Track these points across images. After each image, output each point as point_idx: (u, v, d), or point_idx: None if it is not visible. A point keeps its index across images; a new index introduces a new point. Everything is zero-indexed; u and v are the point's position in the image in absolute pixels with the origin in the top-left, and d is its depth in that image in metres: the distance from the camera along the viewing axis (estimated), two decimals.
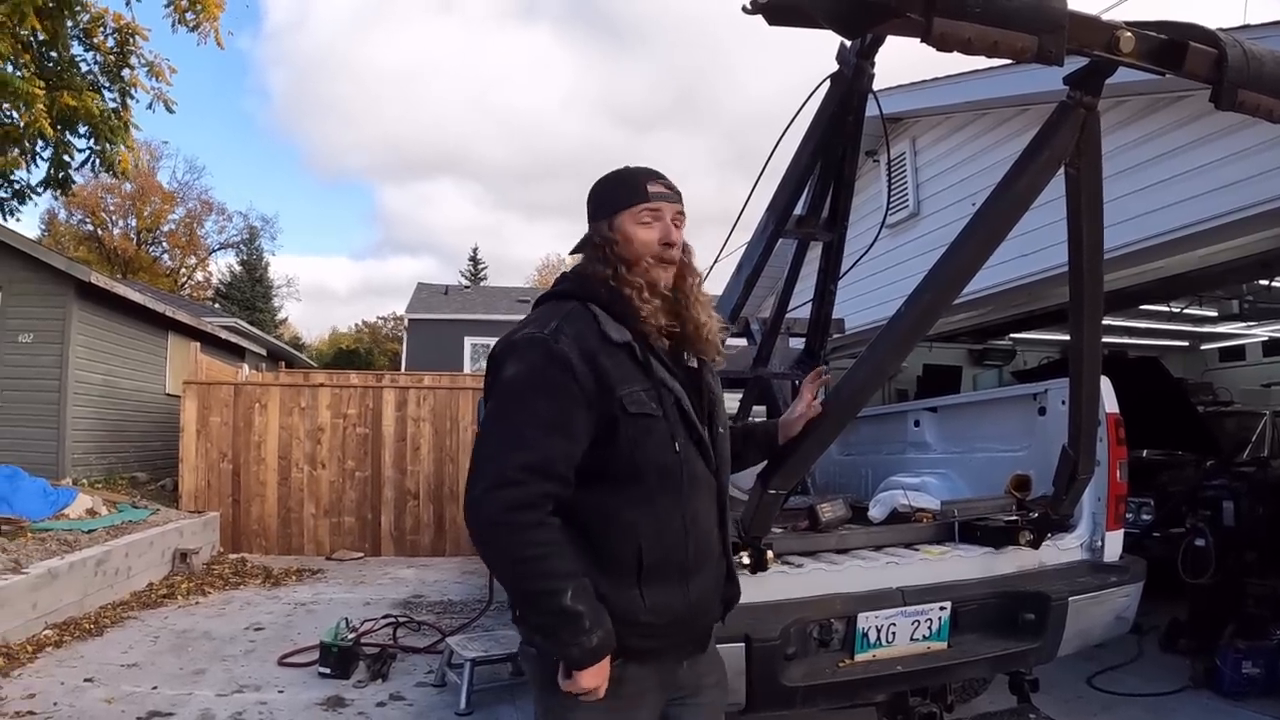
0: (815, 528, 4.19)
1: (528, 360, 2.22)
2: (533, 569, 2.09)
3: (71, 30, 13.97)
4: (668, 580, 2.26)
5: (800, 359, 5.33)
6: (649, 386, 2.28)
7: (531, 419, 2.17)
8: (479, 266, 57.75)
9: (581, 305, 2.35)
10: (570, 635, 2.10)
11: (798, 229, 4.56)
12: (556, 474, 2.16)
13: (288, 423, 12.84)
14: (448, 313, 32.01)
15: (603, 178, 2.50)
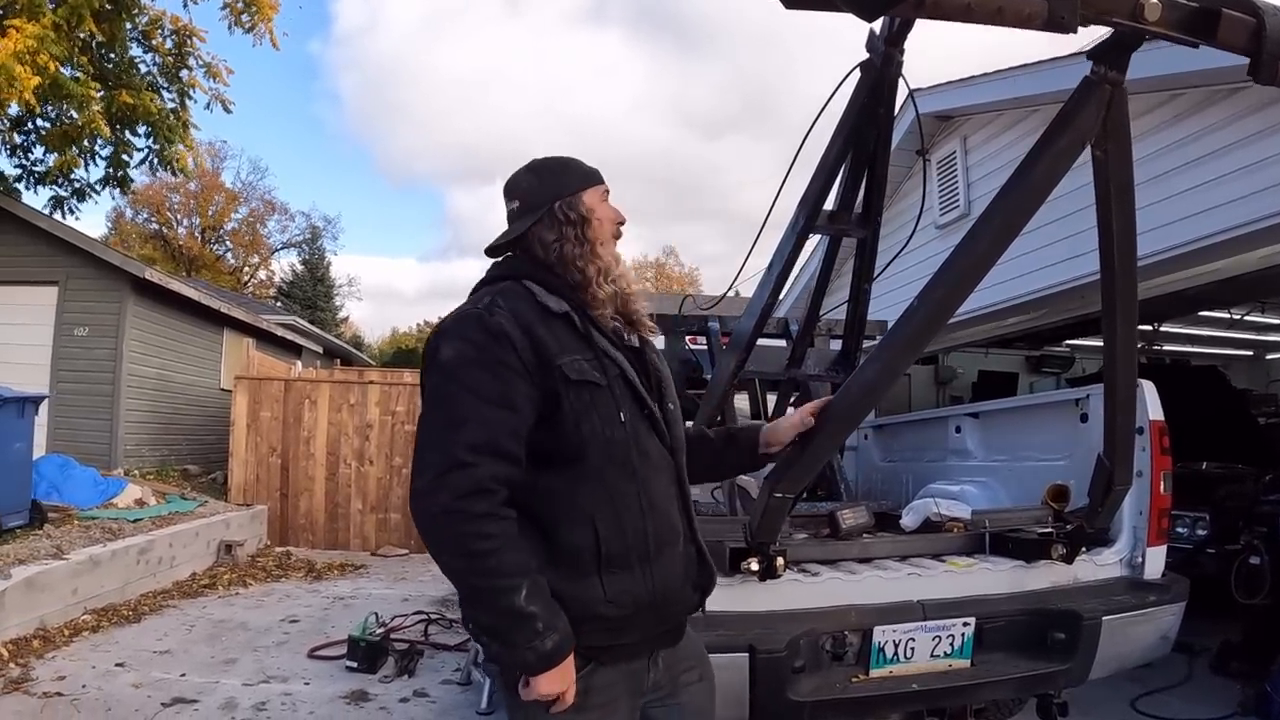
0: (836, 535, 4.03)
1: (462, 338, 2.11)
2: (482, 564, 1.94)
3: (130, 33, 14.30)
4: (627, 567, 2.12)
5: (837, 361, 5.16)
6: (591, 356, 2.18)
7: (471, 396, 2.04)
8: None
9: (515, 282, 2.25)
10: (524, 638, 1.96)
11: (829, 224, 4.40)
12: (506, 451, 2.02)
13: (337, 419, 12.89)
14: None
15: (550, 159, 2.45)
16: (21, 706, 5.43)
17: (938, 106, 8.78)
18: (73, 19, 12.00)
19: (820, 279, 4.91)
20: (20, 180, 15.12)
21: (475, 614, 2.05)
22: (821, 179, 4.13)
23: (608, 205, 2.39)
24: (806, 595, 3.58)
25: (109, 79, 14.01)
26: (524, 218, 2.33)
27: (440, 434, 2.02)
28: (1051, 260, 7.11)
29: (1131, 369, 3.19)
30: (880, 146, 4.11)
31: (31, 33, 11.09)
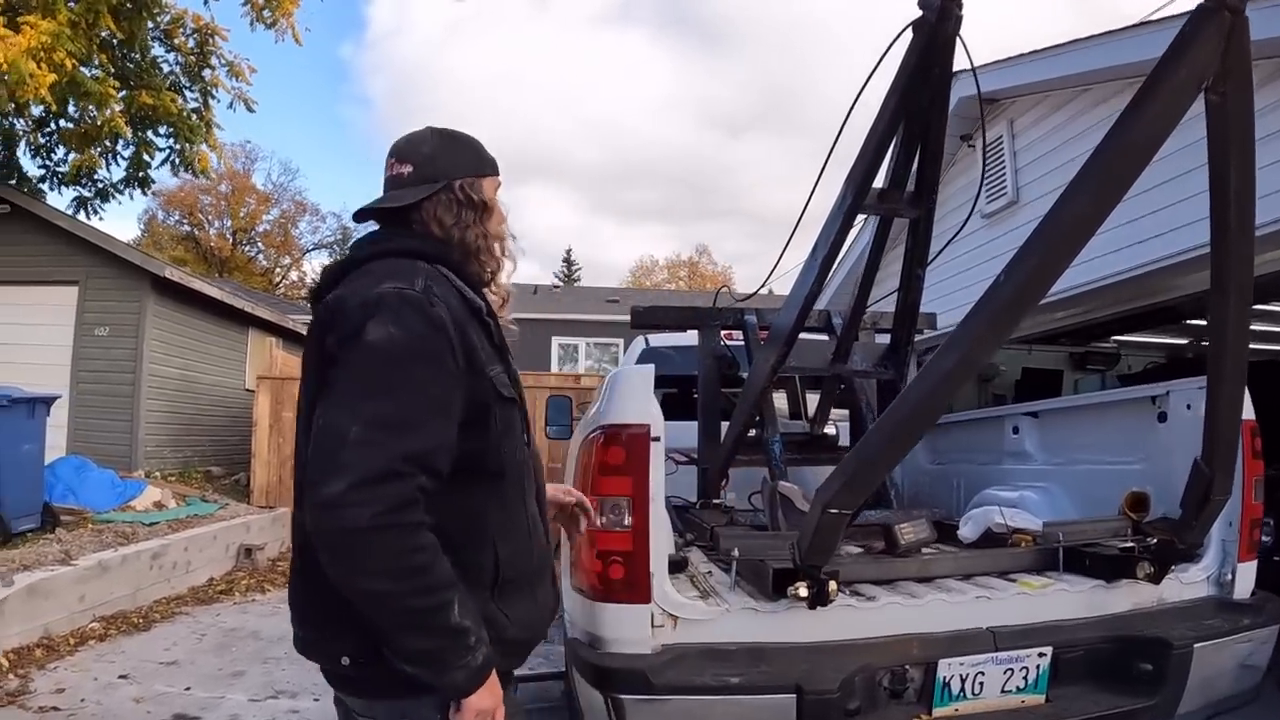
0: (893, 551, 3.60)
1: (403, 321, 1.80)
2: (422, 581, 1.71)
3: (152, 31, 14.30)
4: (520, 590, 2.00)
5: (885, 355, 4.74)
6: (502, 369, 1.99)
7: (418, 397, 1.77)
8: (572, 268, 57.76)
9: (432, 267, 1.96)
10: (455, 657, 1.76)
11: (879, 203, 3.97)
12: (435, 467, 1.77)
13: None
14: (535, 312, 31.71)
15: (456, 131, 2.20)
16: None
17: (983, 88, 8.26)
18: (90, 16, 11.92)
19: (869, 264, 4.47)
20: (44, 181, 15.17)
21: (407, 642, 1.77)
22: (870, 152, 3.71)
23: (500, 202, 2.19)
24: (861, 623, 3.18)
25: (130, 78, 13.98)
26: (416, 187, 2.07)
27: (372, 431, 1.72)
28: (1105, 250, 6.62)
29: (1243, 357, 2.73)
30: (935, 113, 3.70)
31: (46, 29, 10.99)
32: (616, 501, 3.17)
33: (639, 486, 3.17)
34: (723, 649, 3.11)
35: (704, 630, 3.15)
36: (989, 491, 5.02)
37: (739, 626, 3.16)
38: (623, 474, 3.19)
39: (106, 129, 13.24)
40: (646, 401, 3.28)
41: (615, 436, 3.23)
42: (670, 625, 3.14)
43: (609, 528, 3.16)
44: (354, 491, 1.65)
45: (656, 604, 3.14)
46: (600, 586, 3.17)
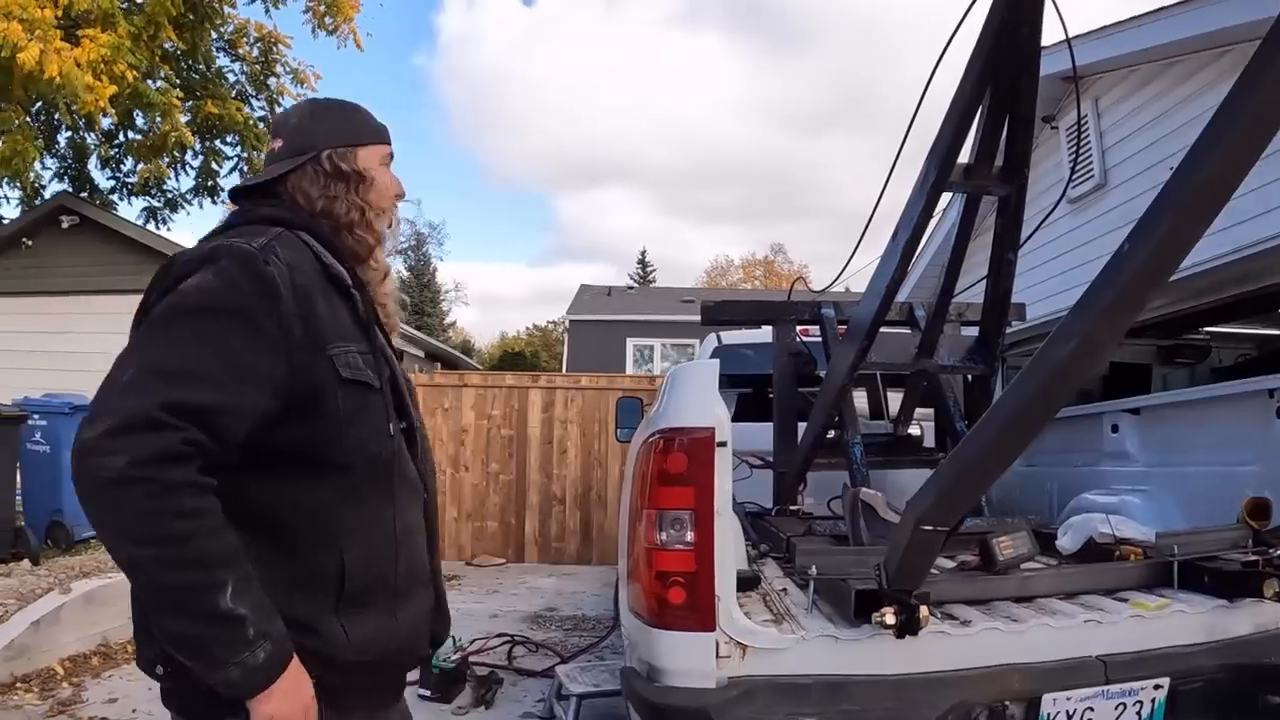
0: (990, 568, 3.22)
1: (222, 272, 1.63)
2: (179, 552, 1.47)
3: (216, 42, 14.58)
4: (372, 607, 1.76)
5: (974, 349, 4.37)
6: (367, 350, 1.80)
7: (207, 347, 1.58)
8: (647, 269, 57.42)
9: (291, 232, 1.78)
10: (225, 650, 1.51)
11: (966, 180, 3.62)
12: (219, 430, 1.55)
13: (430, 424, 12.32)
14: (610, 314, 31.55)
15: (331, 100, 2.06)
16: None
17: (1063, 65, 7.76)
18: (150, 28, 12.07)
19: (955, 248, 4.11)
20: (114, 192, 15.44)
21: (165, 623, 1.55)
22: (954, 123, 3.39)
23: (389, 173, 2.02)
24: (955, 652, 2.81)
25: (195, 89, 14.19)
26: (284, 160, 1.91)
27: (144, 376, 1.53)
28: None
29: None
30: (1025, 77, 3.35)
31: (106, 42, 11.24)
32: (677, 515, 2.85)
33: (702, 498, 2.84)
34: (797, 683, 2.76)
35: (776, 661, 2.80)
36: (1086, 496, 4.68)
37: (816, 656, 2.80)
38: (684, 484, 2.86)
39: (172, 139, 13.39)
40: (711, 401, 2.95)
41: (675, 441, 2.91)
42: (738, 655, 2.79)
43: (668, 545, 2.84)
44: (108, 438, 1.46)
45: (722, 631, 2.79)
46: (658, 611, 2.84)
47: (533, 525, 12.33)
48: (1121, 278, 1.69)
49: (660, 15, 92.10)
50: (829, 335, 4.69)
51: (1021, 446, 2.05)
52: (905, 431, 5.03)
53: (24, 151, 11.99)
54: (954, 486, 2.09)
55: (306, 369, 1.67)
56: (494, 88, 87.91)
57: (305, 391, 1.67)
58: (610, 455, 12.19)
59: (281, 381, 1.64)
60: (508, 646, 6.88)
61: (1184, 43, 6.35)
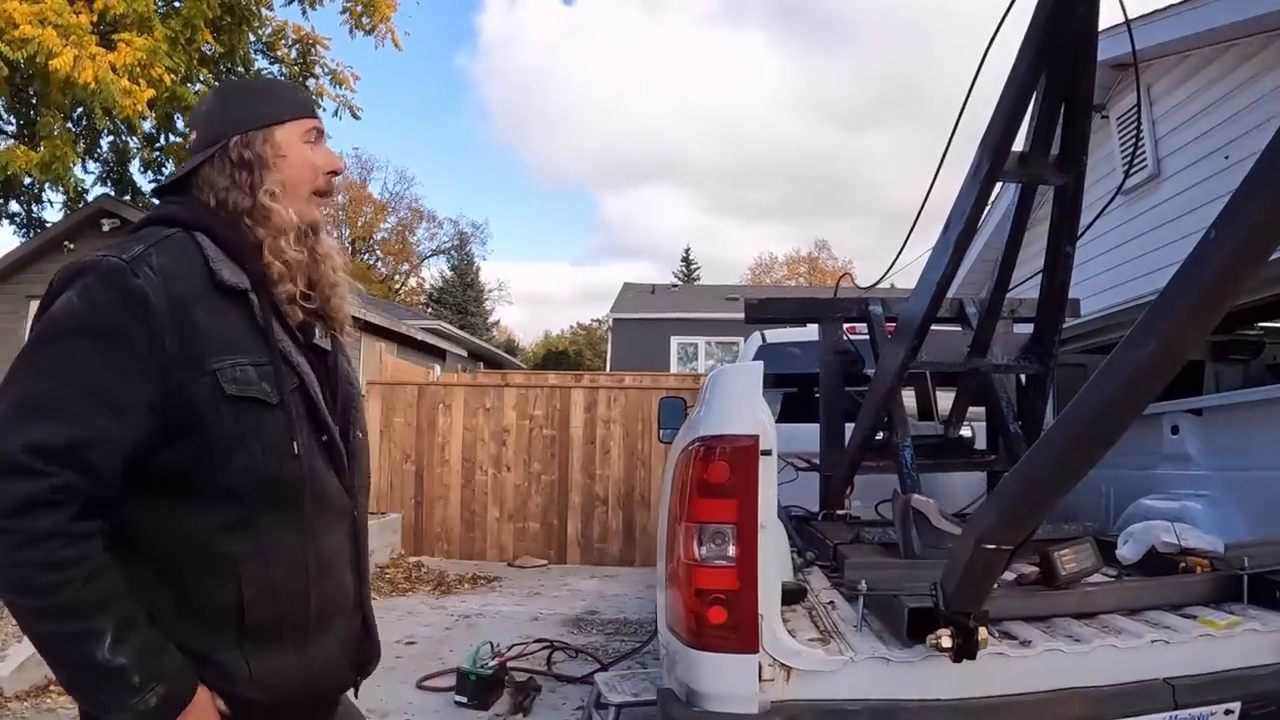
0: (1051, 583, 3.00)
1: (86, 292, 1.54)
2: (48, 604, 1.44)
3: (254, 44, 14.77)
4: (279, 641, 1.64)
5: (1028, 347, 4.17)
6: (264, 361, 1.65)
7: (65, 379, 1.49)
8: (691, 267, 57.27)
9: (187, 234, 1.68)
10: (111, 698, 1.48)
11: (1020, 169, 3.42)
12: (91, 465, 1.47)
13: (472, 424, 12.40)
14: (654, 312, 31.43)
15: (246, 81, 1.87)
16: None
17: (1114, 52, 7.49)
18: (188, 32, 12.18)
19: (1010, 241, 3.90)
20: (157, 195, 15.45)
21: (52, 667, 1.51)
22: (1007, 110, 3.19)
23: (313, 149, 1.85)
24: (1014, 675, 2.62)
25: None
26: (198, 153, 1.81)
27: (9, 414, 1.47)
28: None
29: None
30: (1081, 59, 3.15)
31: (142, 46, 11.28)
32: (718, 529, 2.66)
33: (745, 511, 2.65)
34: (845, 708, 2.58)
35: (823, 684, 2.61)
36: (1144, 502, 4.46)
37: (866, 679, 2.62)
38: (726, 495, 2.68)
39: None
40: (754, 406, 2.76)
41: (717, 450, 2.72)
42: (782, 678, 2.60)
43: (708, 560, 2.65)
44: None
45: (766, 652, 2.60)
46: (697, 630, 2.65)
47: (575, 526, 12.20)
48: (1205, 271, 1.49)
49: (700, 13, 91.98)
50: (877, 333, 4.51)
51: (1096, 456, 1.85)
52: (956, 433, 4.83)
53: (63, 156, 12.04)
54: (1019, 502, 1.90)
55: (183, 387, 1.55)
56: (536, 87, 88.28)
57: (183, 411, 1.55)
58: (653, 455, 12.02)
59: (157, 401, 1.53)
60: (547, 652, 6.75)
61: (1237, 26, 6.13)
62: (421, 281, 54.89)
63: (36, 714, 5.20)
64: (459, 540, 12.23)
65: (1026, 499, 1.89)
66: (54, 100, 11.83)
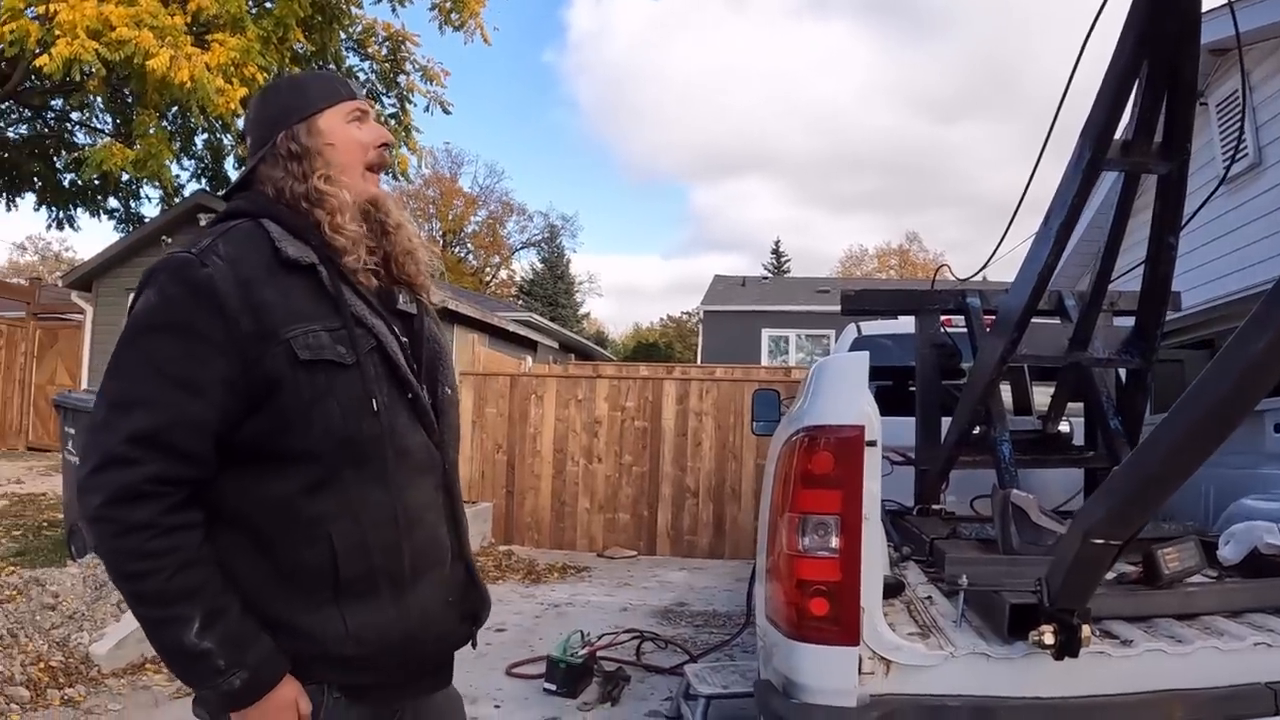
0: (1154, 582, 2.94)
1: (160, 290, 1.67)
2: (140, 588, 1.57)
3: (344, 42, 15.00)
4: (375, 595, 1.72)
5: (1129, 341, 4.07)
6: (337, 325, 1.73)
7: (147, 370, 1.62)
8: (781, 259, 57.03)
9: (253, 222, 1.79)
10: (197, 678, 1.62)
11: (1124, 158, 3.33)
12: (177, 448, 1.58)
13: (564, 415, 12.48)
14: (744, 304, 31.35)
15: (279, 82, 2.14)
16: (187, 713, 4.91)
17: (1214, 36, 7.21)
18: (279, 31, 12.47)
19: (1112, 232, 3.81)
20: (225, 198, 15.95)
21: (149, 639, 1.65)
22: (1109, 97, 3.10)
23: (357, 127, 1.94)
24: (1114, 675, 2.56)
25: None
26: (253, 155, 1.92)
27: (109, 413, 1.61)
28: None
29: None
30: (1185, 43, 3.05)
31: (235, 45, 11.70)
32: (821, 520, 2.65)
33: (850, 502, 2.64)
34: (944, 704, 2.55)
35: (922, 679, 2.59)
36: (1245, 502, 4.23)
37: (965, 675, 2.58)
38: (830, 486, 2.67)
39: None
40: (859, 397, 2.75)
41: (821, 440, 2.71)
42: (881, 671, 2.58)
43: (811, 551, 2.64)
44: (91, 477, 1.57)
45: (866, 645, 2.59)
46: (797, 622, 2.64)
47: (665, 518, 12.19)
48: None
49: (788, 5, 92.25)
50: (975, 326, 4.42)
51: (1207, 454, 1.82)
52: (1055, 429, 4.74)
53: (159, 154, 12.42)
54: (1131, 497, 1.86)
55: (260, 360, 1.64)
56: (625, 81, 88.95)
57: (262, 383, 1.65)
58: (745, 448, 11.97)
59: (237, 379, 1.63)
60: (636, 642, 6.79)
61: None
62: (512, 274, 55.62)
63: (133, 690, 5.36)
64: (549, 530, 12.33)
65: (1136, 495, 1.86)
66: (150, 99, 12.22)
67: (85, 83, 12.27)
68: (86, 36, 10.77)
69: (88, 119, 17.11)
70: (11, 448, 16.20)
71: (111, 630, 5.75)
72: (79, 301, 16.34)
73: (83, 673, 5.41)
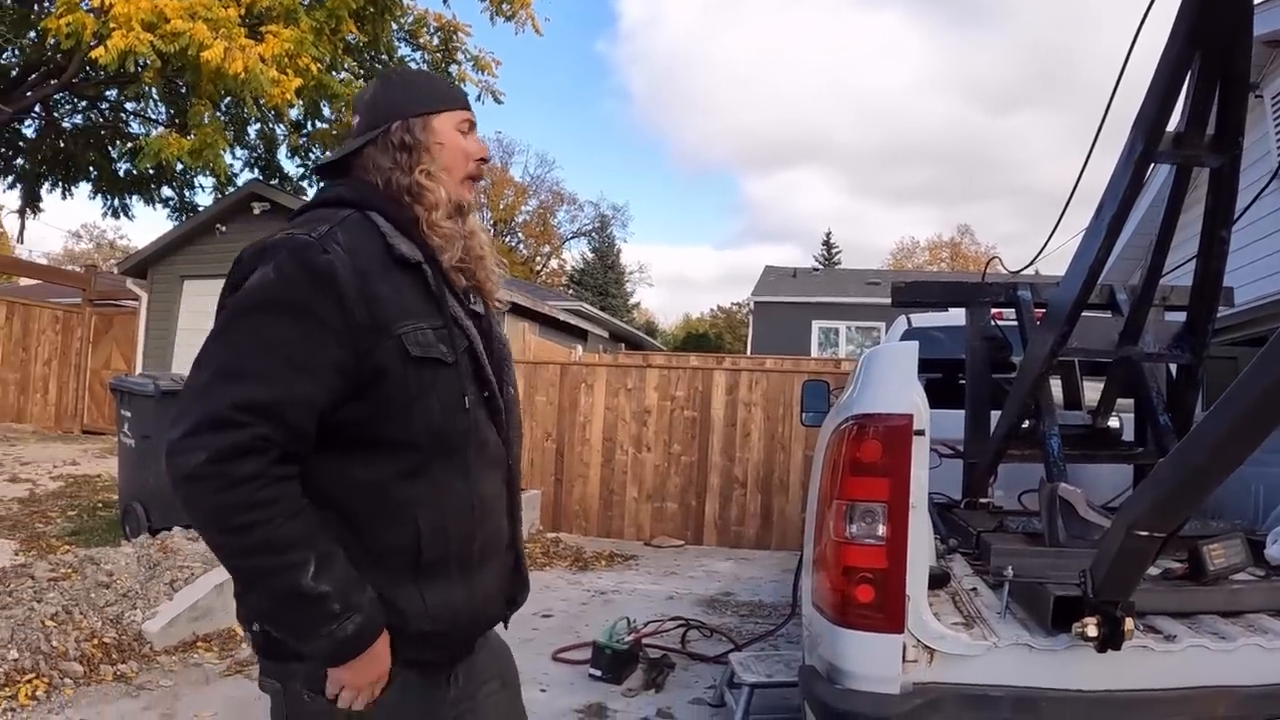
0: (1198, 578, 2.93)
1: (279, 267, 1.70)
2: (250, 539, 1.60)
3: (396, 33, 15.23)
4: (446, 576, 1.83)
5: (1180, 336, 4.04)
6: (440, 324, 1.83)
7: (265, 344, 1.67)
8: (832, 251, 56.63)
9: (361, 214, 1.85)
10: (313, 624, 1.65)
11: (1175, 150, 3.29)
12: (286, 421, 1.64)
13: (613, 404, 12.51)
14: (795, 295, 31.22)
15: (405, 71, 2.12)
16: (238, 691, 5.21)
17: (1268, 28, 7.06)
18: (332, 22, 12.62)
19: (1164, 225, 3.77)
20: (304, 179, 16.26)
21: (251, 599, 1.73)
22: (1161, 89, 3.07)
23: (465, 137, 2.01)
24: (1157, 670, 2.57)
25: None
26: (361, 135, 1.97)
27: (212, 380, 1.65)
28: None
29: None
30: (1238, 35, 3.00)
31: (289, 37, 11.90)
32: (869, 508, 2.68)
33: (897, 490, 2.66)
34: (987, 694, 2.58)
35: (965, 669, 2.61)
36: None
37: (1008, 666, 2.61)
38: (878, 475, 2.70)
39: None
40: (909, 386, 2.77)
41: (870, 428, 2.73)
42: (925, 660, 2.61)
43: (858, 539, 2.67)
44: (187, 438, 1.59)
45: (911, 633, 2.61)
46: (843, 608, 2.67)
47: (712, 508, 12.18)
48: None
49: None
50: (1025, 319, 4.40)
51: (1253, 445, 1.81)
52: (1104, 424, 4.71)
53: (213, 144, 12.64)
54: (1177, 488, 1.87)
55: (371, 351, 1.72)
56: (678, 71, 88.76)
57: (370, 373, 1.72)
58: (794, 439, 11.92)
59: (349, 365, 1.70)
60: (682, 630, 6.81)
61: None
62: (563, 263, 55.88)
63: (184, 668, 5.49)
64: (597, 518, 12.37)
65: (1181, 487, 1.86)
66: (204, 90, 12.43)
67: (140, 74, 12.48)
68: (141, 29, 10.99)
69: (143, 109, 17.41)
70: (67, 431, 16.53)
71: (164, 608, 5.90)
72: (134, 288, 16.61)
73: (135, 649, 5.56)
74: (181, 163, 13.31)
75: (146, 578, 6.20)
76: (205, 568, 6.32)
